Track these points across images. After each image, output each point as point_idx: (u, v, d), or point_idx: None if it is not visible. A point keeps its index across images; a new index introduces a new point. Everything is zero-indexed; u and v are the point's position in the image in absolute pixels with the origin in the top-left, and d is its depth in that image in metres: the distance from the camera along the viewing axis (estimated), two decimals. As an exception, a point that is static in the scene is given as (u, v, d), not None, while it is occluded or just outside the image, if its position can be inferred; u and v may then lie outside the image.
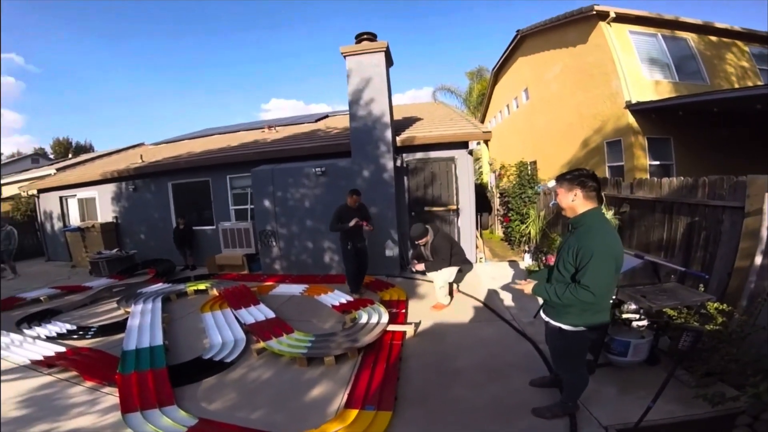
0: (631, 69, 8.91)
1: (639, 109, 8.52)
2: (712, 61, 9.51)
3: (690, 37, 9.56)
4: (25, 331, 4.99)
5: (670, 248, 4.13)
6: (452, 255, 5.34)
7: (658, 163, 8.70)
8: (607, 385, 3.10)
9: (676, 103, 7.87)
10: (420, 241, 5.36)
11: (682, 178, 4.01)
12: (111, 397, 3.31)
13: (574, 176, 2.32)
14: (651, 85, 8.99)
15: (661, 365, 3.28)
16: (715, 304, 2.98)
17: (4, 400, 3.26)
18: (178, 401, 3.19)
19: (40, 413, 3.08)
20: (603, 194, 2.41)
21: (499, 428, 2.75)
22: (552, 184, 6.55)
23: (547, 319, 2.64)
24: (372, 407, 2.97)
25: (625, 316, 3.12)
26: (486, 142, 13.51)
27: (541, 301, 5.20)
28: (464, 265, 5.61)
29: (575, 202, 2.31)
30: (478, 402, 3.08)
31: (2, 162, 19.86)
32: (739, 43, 9.91)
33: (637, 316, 3.09)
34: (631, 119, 8.64)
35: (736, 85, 9.26)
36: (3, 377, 3.67)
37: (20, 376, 3.74)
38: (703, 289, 3.27)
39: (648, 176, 7.69)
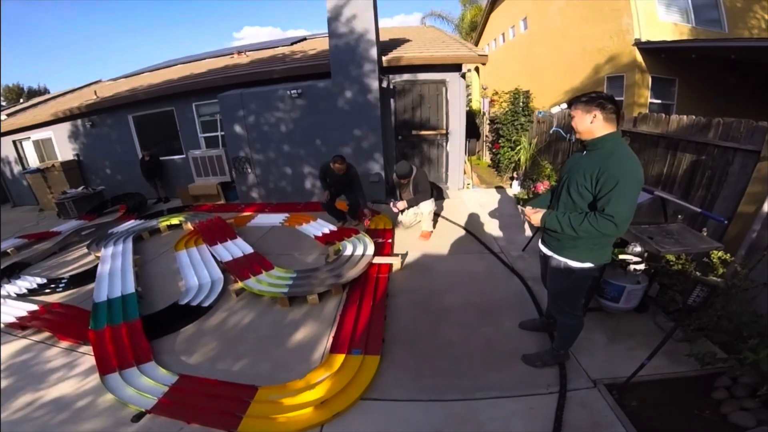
0: (646, 8, 8.62)
1: (648, 48, 8.38)
2: (736, 10, 9.10)
3: (717, -16, 9.12)
4: None
5: (669, 184, 4.00)
6: (432, 189, 5.15)
7: (659, 101, 8.76)
8: (596, 332, 2.96)
9: (694, 46, 7.83)
10: (404, 180, 5.04)
11: (694, 116, 3.79)
12: (88, 356, 3.10)
13: (591, 98, 2.05)
14: (664, 25, 8.75)
15: (648, 313, 3.15)
16: (719, 253, 2.76)
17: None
18: (156, 356, 3.02)
19: (21, 382, 2.88)
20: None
21: (492, 377, 2.64)
22: (556, 110, 6.12)
23: (549, 253, 2.38)
24: (359, 351, 2.86)
25: (621, 257, 2.84)
26: (477, 69, 12.65)
27: (528, 232, 5.19)
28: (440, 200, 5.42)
29: (594, 124, 2.05)
30: (469, 346, 2.97)
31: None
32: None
33: (638, 259, 2.82)
34: (638, 57, 8.56)
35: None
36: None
37: None
38: (705, 233, 3.00)
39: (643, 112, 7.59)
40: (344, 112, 6.60)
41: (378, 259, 4.33)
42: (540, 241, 2.53)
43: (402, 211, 5.29)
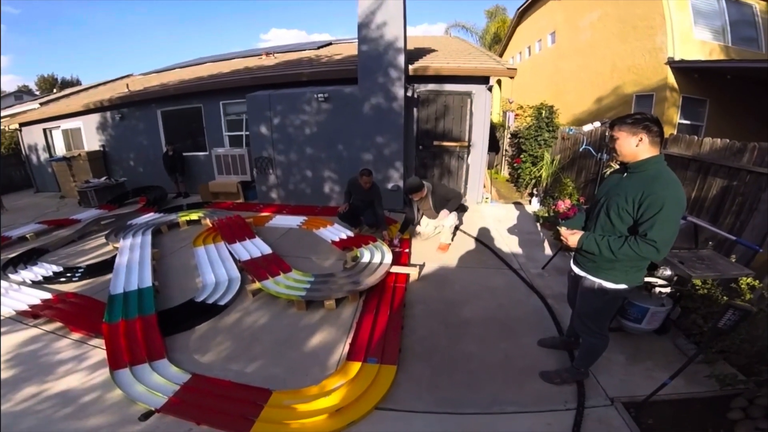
0: (682, 26, 8.53)
1: (681, 67, 8.26)
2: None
3: (756, 5, 9.03)
4: (11, 276, 4.51)
5: (697, 209, 3.92)
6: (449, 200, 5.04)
7: (688, 122, 8.64)
8: (616, 352, 2.90)
9: (732, 66, 7.60)
10: (415, 195, 4.94)
11: (728, 140, 3.71)
12: (99, 350, 3.07)
13: (637, 120, 1.96)
14: (699, 44, 8.65)
15: (668, 335, 3.11)
16: (748, 279, 2.74)
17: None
18: (169, 353, 2.99)
19: (28, 373, 2.82)
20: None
21: (509, 392, 2.58)
22: (588, 127, 5.96)
23: (582, 273, 2.31)
24: (375, 360, 2.80)
25: (648, 279, 2.80)
26: (499, 82, 12.71)
27: (548, 251, 5.06)
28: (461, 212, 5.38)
29: (639, 148, 1.96)
30: (486, 360, 2.91)
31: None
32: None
33: (665, 282, 2.80)
34: (670, 76, 8.44)
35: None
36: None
37: (6, 330, 3.41)
38: (734, 260, 2.99)
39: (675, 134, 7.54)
40: (368, 118, 6.60)
41: (395, 269, 4.28)
42: (572, 261, 2.47)
43: (419, 223, 5.28)
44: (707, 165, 3.84)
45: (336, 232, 5.61)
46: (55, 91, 18.39)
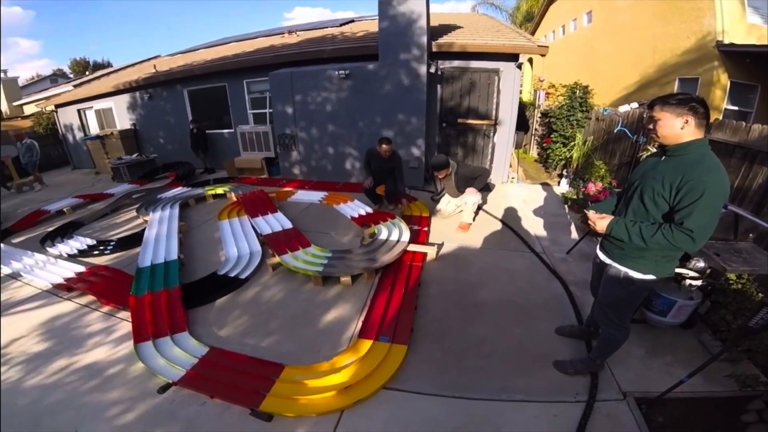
0: (733, 9, 7.96)
1: (731, 51, 7.77)
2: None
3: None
4: (49, 249, 4.79)
5: (740, 198, 3.66)
6: (476, 178, 4.95)
7: (736, 108, 8.15)
8: (635, 345, 2.75)
9: None
10: (439, 173, 4.90)
11: None
12: (126, 322, 3.19)
13: (682, 100, 1.77)
14: (751, 28, 8.11)
15: (693, 330, 2.93)
16: None
17: (27, 330, 3.18)
18: (190, 326, 3.09)
19: (59, 346, 2.95)
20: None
21: (520, 380, 2.52)
22: (624, 108, 5.59)
23: (608, 261, 2.18)
24: (386, 338, 2.81)
25: (678, 271, 2.64)
26: (530, 60, 12.36)
27: (575, 234, 4.87)
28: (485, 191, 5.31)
29: (684, 131, 1.79)
30: (500, 346, 2.85)
31: (22, 85, 20.51)
32: None
33: (696, 275, 2.64)
34: (718, 60, 7.96)
35: None
36: (26, 305, 3.57)
37: (42, 303, 3.58)
38: None
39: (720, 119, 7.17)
40: (390, 95, 6.50)
41: (413, 247, 4.24)
42: (598, 247, 2.33)
43: (439, 201, 5.25)
44: (754, 152, 3.56)
45: (356, 207, 5.63)
46: (87, 73, 18.99)
